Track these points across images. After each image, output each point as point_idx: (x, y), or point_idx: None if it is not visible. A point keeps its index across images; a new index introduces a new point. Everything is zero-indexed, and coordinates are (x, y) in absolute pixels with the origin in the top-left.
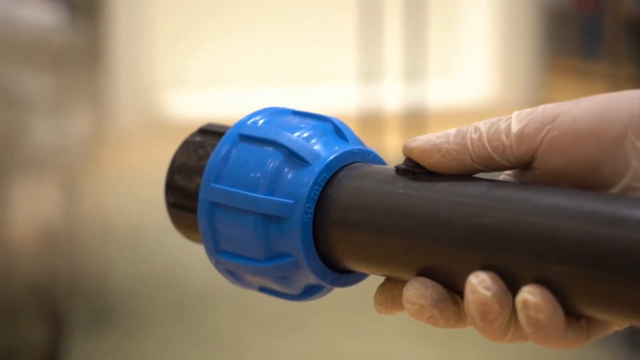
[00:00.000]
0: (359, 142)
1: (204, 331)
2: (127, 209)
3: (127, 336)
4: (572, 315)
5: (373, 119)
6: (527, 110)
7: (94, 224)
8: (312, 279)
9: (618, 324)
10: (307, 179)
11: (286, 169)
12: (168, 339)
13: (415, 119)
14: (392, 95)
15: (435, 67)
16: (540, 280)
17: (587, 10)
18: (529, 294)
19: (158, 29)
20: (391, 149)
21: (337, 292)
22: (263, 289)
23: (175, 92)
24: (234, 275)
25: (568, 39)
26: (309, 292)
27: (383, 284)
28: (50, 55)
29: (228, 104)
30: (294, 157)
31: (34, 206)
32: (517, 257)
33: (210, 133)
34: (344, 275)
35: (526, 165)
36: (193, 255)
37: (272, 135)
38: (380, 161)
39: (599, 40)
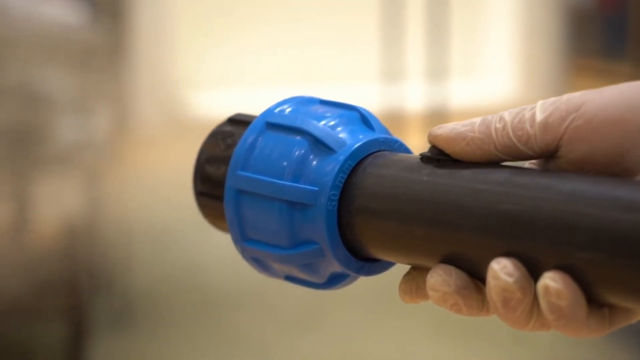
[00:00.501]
0: (386, 131)
1: (225, 330)
2: (149, 208)
3: (149, 335)
4: (595, 303)
5: (395, 119)
6: (552, 99)
7: (116, 222)
8: (336, 267)
9: None
10: (332, 166)
11: (312, 157)
12: (189, 338)
13: (437, 118)
14: (414, 95)
15: (457, 67)
16: (562, 267)
17: (611, 10)
18: (550, 280)
19: (180, 27)
20: (413, 149)
21: (357, 291)
22: (289, 278)
23: (198, 91)
24: (260, 264)
25: (591, 39)
26: (334, 281)
27: (408, 273)
28: (74, 54)
29: (250, 102)
30: (319, 145)
31: (57, 204)
32: (539, 243)
33: (238, 122)
34: (369, 264)
35: (551, 154)
36: (215, 254)
37: (298, 123)
38: (407, 150)
39: (622, 40)
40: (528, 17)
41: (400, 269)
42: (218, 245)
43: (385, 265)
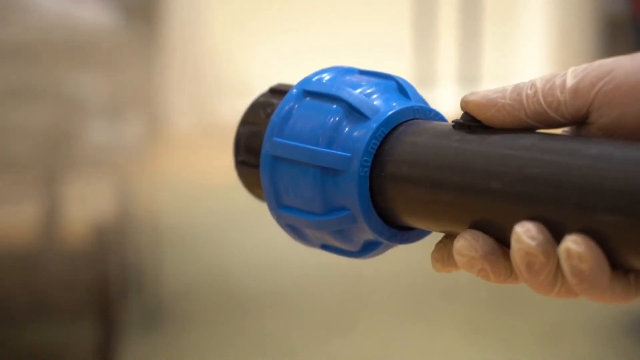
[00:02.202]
0: (422, 100)
1: (253, 333)
2: (179, 210)
3: (178, 336)
4: (620, 268)
5: None
6: (584, 65)
7: (146, 224)
8: (369, 235)
9: None
10: (365, 133)
11: (346, 124)
12: (218, 340)
13: None
14: (446, 101)
15: (489, 73)
16: (586, 231)
17: None
18: (572, 243)
19: (214, 31)
20: None
21: (387, 295)
22: (325, 247)
23: (231, 96)
24: (295, 231)
25: (625, 46)
26: (368, 248)
27: (440, 241)
28: (106, 56)
29: None
30: (354, 112)
31: (88, 205)
32: (563, 207)
33: (278, 92)
34: (402, 232)
35: (582, 120)
36: (244, 256)
37: (334, 91)
38: (443, 119)
39: None
40: (561, 24)
41: (427, 267)
42: (247, 247)
43: (419, 234)
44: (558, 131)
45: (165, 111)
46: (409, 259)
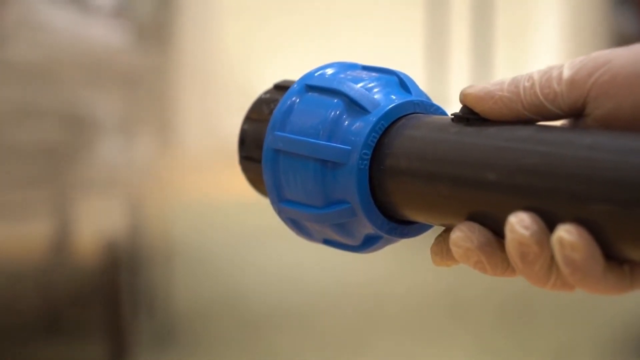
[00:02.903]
0: (423, 95)
1: (265, 353)
2: (191, 230)
3: (190, 355)
4: (614, 259)
5: None
6: (581, 57)
7: (158, 243)
8: (369, 228)
9: None
10: (365, 126)
11: (346, 117)
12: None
13: None
14: None
15: None
16: (579, 220)
17: None
18: (564, 232)
19: (226, 51)
20: None
21: (402, 316)
22: (327, 241)
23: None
24: (296, 225)
25: None
26: (368, 243)
27: (440, 235)
28: (118, 76)
29: None
30: (354, 106)
31: (100, 224)
32: (557, 197)
33: (282, 88)
34: (402, 226)
35: (579, 112)
36: (255, 276)
37: (335, 85)
38: (444, 114)
39: None
40: (574, 43)
41: (438, 286)
42: (259, 266)
43: (419, 229)
44: (557, 124)
45: (177, 130)
46: (419, 278)
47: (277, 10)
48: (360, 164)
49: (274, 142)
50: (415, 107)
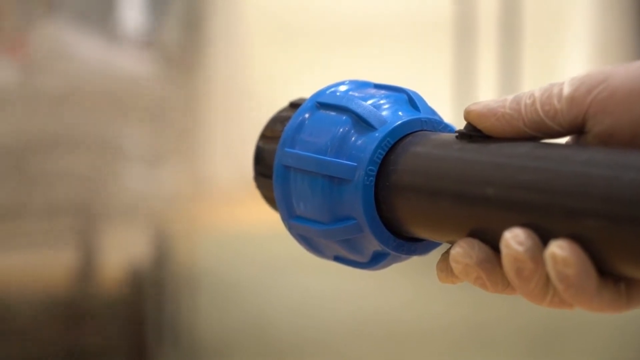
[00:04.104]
0: (433, 112)
1: None
2: (217, 260)
3: None
4: (609, 275)
5: None
6: (582, 74)
7: (184, 273)
8: (376, 245)
9: None
10: (371, 142)
11: (354, 134)
12: None
13: None
14: None
15: None
16: (572, 236)
17: None
18: (557, 248)
19: (254, 82)
20: None
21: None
22: (337, 258)
23: None
24: (307, 241)
25: None
26: (376, 259)
27: (445, 252)
28: (146, 105)
29: None
30: (362, 123)
31: (125, 253)
32: (552, 213)
33: (297, 105)
34: (409, 243)
35: (579, 129)
36: (281, 308)
37: (344, 102)
38: (452, 131)
39: None
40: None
41: (466, 317)
42: (283, 297)
43: (427, 246)
44: (562, 141)
45: (205, 160)
46: (448, 309)
47: (305, 38)
48: (365, 180)
49: (284, 158)
50: (423, 125)
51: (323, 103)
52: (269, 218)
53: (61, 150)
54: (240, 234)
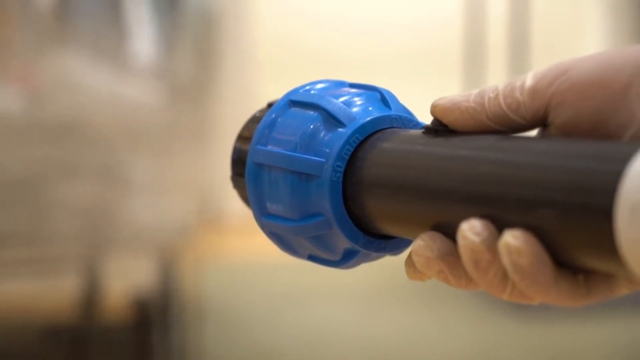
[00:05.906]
0: (404, 110)
1: None
2: (224, 291)
3: None
4: (566, 266)
5: None
6: (545, 67)
7: (190, 303)
8: (347, 242)
9: (624, 285)
10: (339, 138)
11: (323, 130)
12: None
13: None
14: None
15: None
16: (528, 226)
17: None
18: (511, 237)
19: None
20: None
21: None
22: (311, 257)
23: None
24: (279, 239)
25: None
26: (347, 257)
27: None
28: (155, 135)
29: None
30: (331, 119)
31: (132, 282)
32: (508, 203)
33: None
34: (379, 240)
35: (542, 122)
36: (288, 338)
37: (315, 100)
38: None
39: None
40: None
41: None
42: (290, 328)
43: (398, 244)
44: (532, 134)
45: (212, 192)
46: (457, 337)
47: (315, 66)
48: (333, 176)
49: (256, 156)
50: (393, 122)
51: (295, 101)
52: (275, 249)
53: (68, 180)
54: (246, 264)
